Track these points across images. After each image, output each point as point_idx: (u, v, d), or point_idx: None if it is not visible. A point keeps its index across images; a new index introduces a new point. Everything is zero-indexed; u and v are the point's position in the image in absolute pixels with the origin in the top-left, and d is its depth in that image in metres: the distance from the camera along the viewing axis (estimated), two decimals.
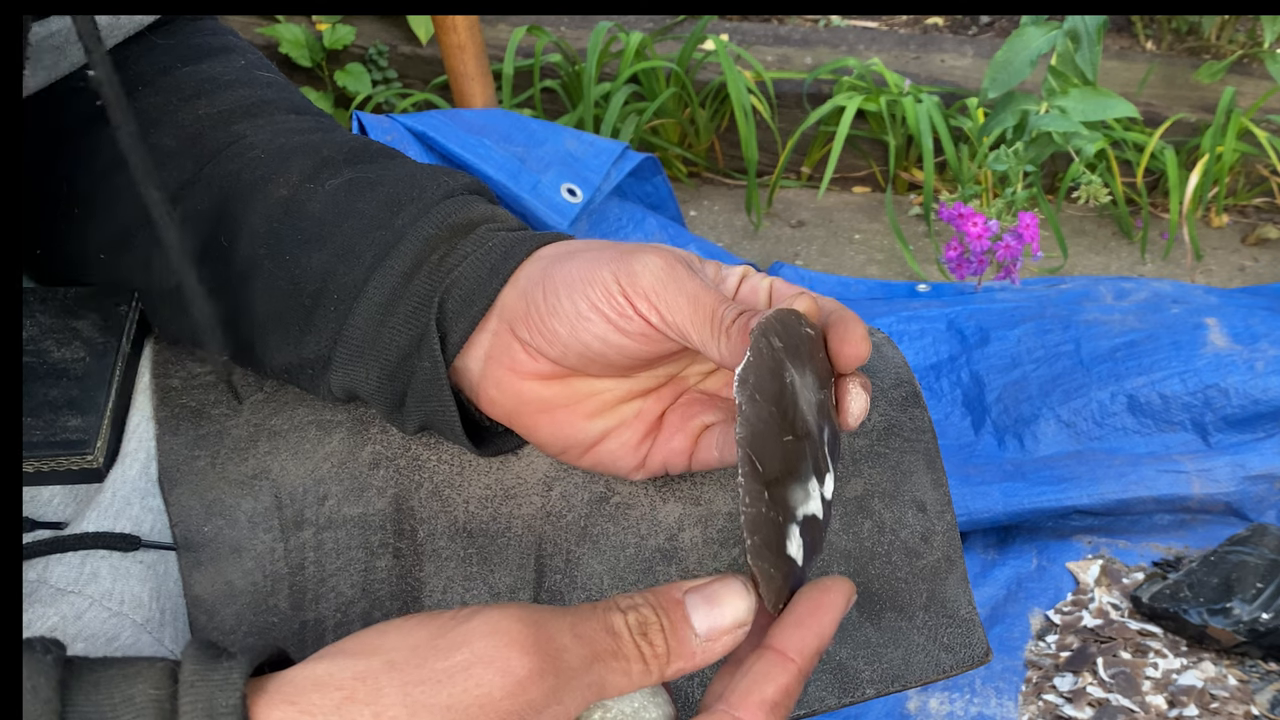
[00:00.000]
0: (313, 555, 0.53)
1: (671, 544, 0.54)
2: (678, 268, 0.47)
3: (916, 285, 1.70)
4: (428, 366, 0.50)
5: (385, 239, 0.51)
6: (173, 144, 0.54)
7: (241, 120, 0.55)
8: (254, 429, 0.55)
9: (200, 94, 0.56)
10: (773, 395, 0.41)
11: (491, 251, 0.50)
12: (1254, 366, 1.39)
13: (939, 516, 0.55)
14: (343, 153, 0.54)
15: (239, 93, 0.57)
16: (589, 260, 0.48)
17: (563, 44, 1.91)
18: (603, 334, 0.47)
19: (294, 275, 0.51)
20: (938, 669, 0.54)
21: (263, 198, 0.52)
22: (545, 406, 0.50)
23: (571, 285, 0.47)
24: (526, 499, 0.54)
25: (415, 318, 0.50)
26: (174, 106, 0.55)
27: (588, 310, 0.47)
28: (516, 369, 0.50)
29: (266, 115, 0.56)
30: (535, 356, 0.49)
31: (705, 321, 0.45)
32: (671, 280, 0.46)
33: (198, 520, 0.53)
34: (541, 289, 0.48)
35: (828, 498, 0.44)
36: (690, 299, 0.46)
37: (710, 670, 0.51)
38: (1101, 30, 1.47)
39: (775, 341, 0.42)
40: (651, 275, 0.46)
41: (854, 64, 1.85)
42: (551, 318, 0.48)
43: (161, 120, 0.55)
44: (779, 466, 0.41)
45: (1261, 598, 1.16)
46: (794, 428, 0.42)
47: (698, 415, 0.51)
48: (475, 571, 0.53)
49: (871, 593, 0.54)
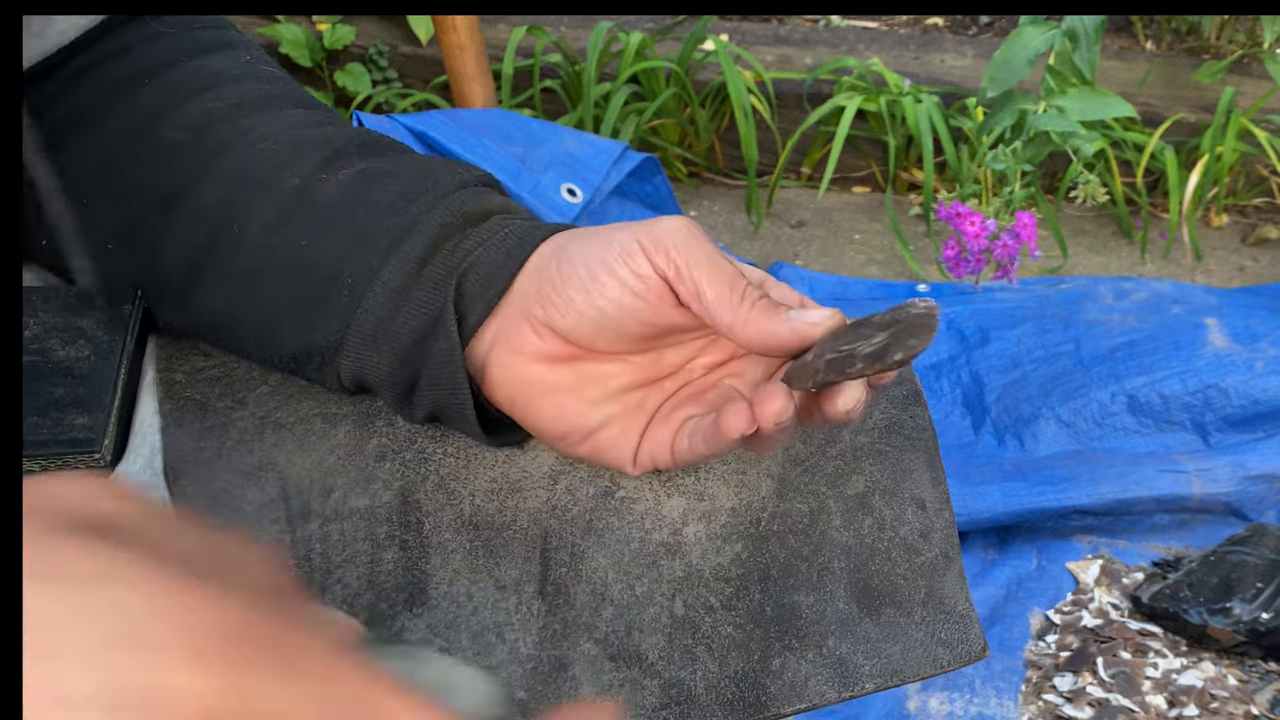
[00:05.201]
0: (319, 547, 0.53)
1: (675, 538, 0.54)
2: (700, 234, 0.48)
3: (916, 285, 1.70)
4: (443, 348, 0.50)
5: (400, 225, 0.51)
6: (180, 136, 0.54)
7: (250, 114, 0.55)
8: (259, 422, 0.55)
9: (208, 88, 0.56)
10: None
11: (508, 237, 0.51)
12: (1254, 366, 1.39)
13: (938, 514, 0.56)
14: (354, 144, 0.54)
15: (246, 87, 0.57)
16: (606, 231, 0.49)
17: (562, 44, 1.91)
18: (618, 297, 0.47)
19: (306, 261, 0.51)
20: (935, 664, 0.54)
21: (274, 187, 0.52)
22: (548, 389, 0.50)
23: (588, 252, 0.48)
24: (532, 492, 0.54)
25: (431, 300, 0.50)
26: (181, 100, 0.55)
27: (604, 275, 0.47)
28: (523, 350, 0.50)
29: (274, 109, 0.56)
30: (544, 336, 0.49)
31: (725, 284, 0.47)
32: (694, 239, 0.47)
33: (203, 511, 0.53)
34: (556, 262, 0.49)
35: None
36: (710, 260, 0.47)
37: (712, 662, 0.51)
38: (1099, 30, 1.47)
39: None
40: (674, 232, 0.47)
41: (854, 64, 1.85)
42: (567, 285, 0.48)
43: (168, 113, 0.55)
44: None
45: (1261, 598, 1.17)
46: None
47: (684, 408, 0.52)
48: (481, 564, 0.53)
49: (871, 589, 0.55)
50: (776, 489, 0.55)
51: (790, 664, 0.53)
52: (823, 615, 0.54)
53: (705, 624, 0.53)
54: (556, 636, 0.52)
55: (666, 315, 0.48)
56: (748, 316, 0.47)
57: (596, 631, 0.52)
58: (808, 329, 0.47)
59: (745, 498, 0.55)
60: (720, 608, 0.53)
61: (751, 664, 0.53)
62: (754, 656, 0.53)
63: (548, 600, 0.53)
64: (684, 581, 0.53)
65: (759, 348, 0.48)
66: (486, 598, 0.53)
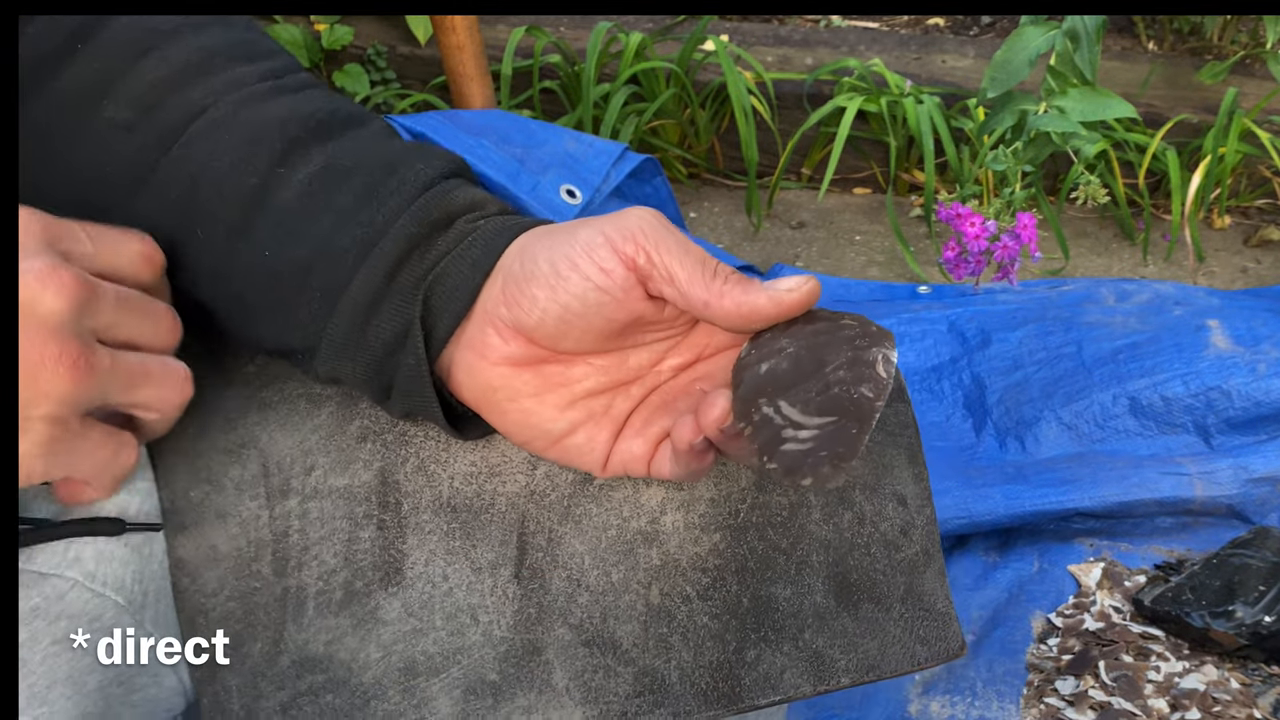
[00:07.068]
0: (297, 524, 0.54)
1: (653, 527, 0.54)
2: (667, 222, 0.48)
3: (917, 287, 1.69)
4: (411, 363, 0.50)
5: (366, 236, 0.50)
6: (130, 116, 0.52)
7: (196, 81, 0.52)
8: (244, 401, 0.56)
9: (145, 51, 0.53)
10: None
11: (474, 244, 0.50)
12: (1256, 369, 1.39)
13: (919, 511, 0.57)
14: (310, 127, 0.52)
15: (185, 44, 0.54)
16: (571, 227, 0.49)
17: (562, 44, 1.90)
18: (581, 291, 0.47)
19: (273, 269, 0.51)
20: (913, 661, 0.55)
21: (233, 186, 0.51)
22: (513, 395, 0.50)
23: (551, 248, 0.48)
24: (511, 477, 0.55)
25: (400, 313, 0.50)
26: (121, 70, 0.52)
27: (566, 269, 0.47)
28: (487, 354, 0.50)
29: (220, 71, 0.53)
30: (508, 337, 0.49)
31: (696, 264, 0.47)
32: (661, 227, 0.47)
33: (184, 485, 0.54)
34: (519, 260, 0.49)
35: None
36: (679, 243, 0.47)
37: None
38: (1100, 30, 1.46)
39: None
40: (641, 221, 0.47)
41: (855, 65, 1.84)
42: (530, 283, 0.48)
43: (112, 89, 0.52)
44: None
45: (1264, 601, 1.15)
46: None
47: (659, 420, 0.52)
48: (457, 546, 0.54)
49: (850, 583, 0.55)
50: (756, 480, 0.56)
51: (765, 656, 0.53)
52: (800, 608, 0.54)
53: (681, 613, 0.53)
54: (531, 621, 0.52)
55: (632, 309, 0.48)
56: (722, 289, 0.47)
57: (571, 617, 0.53)
58: (784, 295, 0.47)
59: (725, 488, 0.55)
60: (697, 597, 0.53)
61: (726, 654, 0.53)
62: (729, 647, 0.53)
63: (523, 584, 0.53)
64: (661, 570, 0.54)
65: (736, 320, 0.47)
66: (462, 579, 0.53)
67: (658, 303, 0.49)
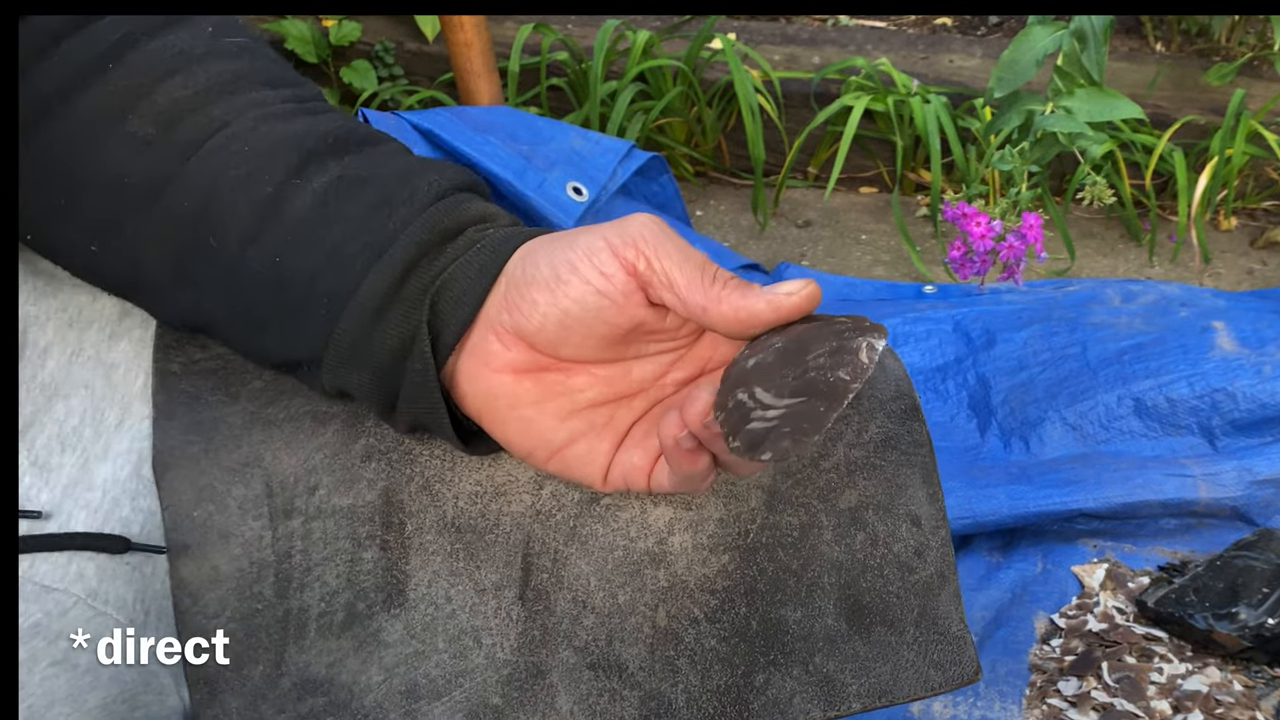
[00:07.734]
0: (300, 544, 0.53)
1: (661, 547, 0.53)
2: (668, 228, 0.48)
3: (923, 287, 1.69)
4: (419, 369, 0.50)
5: (376, 243, 0.50)
6: (151, 130, 0.52)
7: (218, 100, 0.53)
8: (249, 417, 0.55)
9: (173, 71, 0.53)
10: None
11: (481, 251, 0.50)
12: (1262, 370, 1.38)
13: (933, 532, 0.55)
14: (327, 143, 0.53)
15: (212, 68, 0.54)
16: (573, 234, 0.49)
17: (569, 42, 1.90)
18: (581, 296, 0.47)
19: (280, 277, 0.51)
20: (926, 686, 0.53)
21: (247, 197, 0.51)
22: (515, 403, 0.50)
23: (553, 254, 0.48)
24: (516, 497, 0.54)
25: (407, 319, 0.50)
26: (148, 88, 0.53)
27: (567, 274, 0.47)
28: (489, 362, 0.50)
29: (243, 92, 0.54)
30: (509, 344, 0.49)
31: (696, 270, 0.47)
32: (662, 233, 0.48)
33: (188, 505, 0.53)
34: (521, 265, 0.49)
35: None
36: (679, 249, 0.47)
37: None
38: (1108, 31, 1.46)
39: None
40: (642, 227, 0.48)
41: (862, 64, 1.84)
42: (531, 287, 0.48)
43: (137, 105, 0.52)
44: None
45: (1268, 603, 1.16)
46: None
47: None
48: (461, 567, 0.53)
49: (862, 606, 0.54)
50: (766, 500, 0.54)
51: (775, 680, 0.52)
52: (810, 631, 0.53)
53: (688, 636, 0.52)
54: (535, 643, 0.52)
55: (632, 314, 0.48)
56: (720, 294, 0.47)
57: (576, 639, 0.52)
58: (782, 300, 0.47)
59: (734, 508, 0.54)
60: (705, 620, 0.53)
61: (735, 679, 0.52)
62: (737, 671, 0.52)
63: (527, 606, 0.52)
64: (668, 592, 0.53)
65: (735, 325, 0.47)
66: (465, 601, 0.52)
67: (659, 310, 0.49)
